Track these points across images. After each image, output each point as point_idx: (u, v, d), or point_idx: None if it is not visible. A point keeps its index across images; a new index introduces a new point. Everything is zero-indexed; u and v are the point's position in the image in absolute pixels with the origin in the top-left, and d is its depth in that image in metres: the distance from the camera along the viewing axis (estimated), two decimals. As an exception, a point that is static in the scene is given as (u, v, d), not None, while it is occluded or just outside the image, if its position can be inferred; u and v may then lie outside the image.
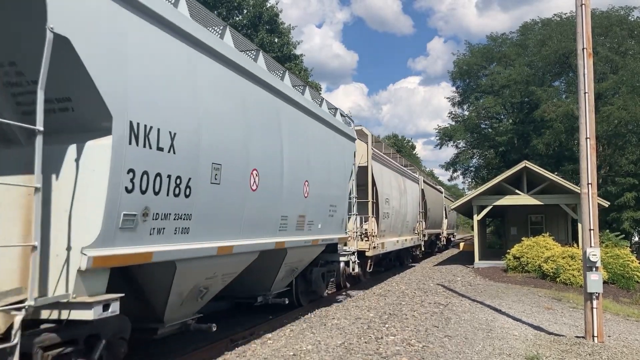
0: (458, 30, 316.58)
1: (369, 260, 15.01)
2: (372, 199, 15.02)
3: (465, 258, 27.54)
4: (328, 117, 10.77)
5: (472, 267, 21.90)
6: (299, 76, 10.76)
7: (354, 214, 12.76)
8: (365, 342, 8.03)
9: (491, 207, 22.39)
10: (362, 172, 14.56)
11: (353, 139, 12.49)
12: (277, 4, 33.87)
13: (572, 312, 11.86)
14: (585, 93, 8.82)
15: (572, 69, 33.82)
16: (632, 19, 35.20)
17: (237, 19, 32.35)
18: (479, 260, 22.48)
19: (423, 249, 25.41)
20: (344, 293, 14.03)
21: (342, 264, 12.23)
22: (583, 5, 8.86)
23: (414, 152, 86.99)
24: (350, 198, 12.36)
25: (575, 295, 14.59)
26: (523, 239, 20.55)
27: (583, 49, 8.84)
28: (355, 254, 12.69)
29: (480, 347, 7.93)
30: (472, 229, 35.06)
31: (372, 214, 14.87)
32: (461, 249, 39.35)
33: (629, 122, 29.67)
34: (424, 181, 26.22)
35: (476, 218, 23.06)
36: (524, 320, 10.30)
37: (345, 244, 12.53)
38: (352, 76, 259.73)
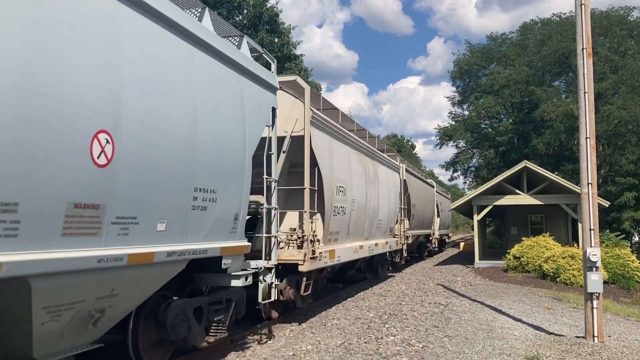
0: (458, 30, 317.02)
1: (304, 278, 9.87)
2: (311, 184, 9.79)
3: (465, 258, 27.55)
4: (200, 31, 5.94)
5: (472, 267, 21.90)
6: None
7: (271, 208, 7.85)
8: (365, 342, 8.02)
9: (491, 207, 22.39)
10: (299, 144, 9.88)
11: (272, 88, 7.94)
12: (277, 4, 33.89)
13: (572, 312, 11.85)
14: (585, 93, 8.81)
15: (571, 68, 33.86)
16: (632, 19, 35.26)
17: (237, 19, 32.35)
18: (479, 260, 22.48)
19: (405, 254, 20.33)
20: (260, 332, 8.70)
21: (263, 287, 7.69)
22: (583, 5, 8.85)
23: (414, 152, 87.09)
24: (268, 181, 7.82)
25: (575, 295, 14.58)
26: (523, 238, 20.55)
27: (583, 48, 8.84)
28: (273, 271, 7.85)
29: (481, 347, 7.93)
30: (472, 229, 35.03)
31: (312, 209, 9.80)
32: (461, 249, 39.38)
33: (628, 121, 29.71)
34: (407, 170, 20.75)
35: (476, 218, 23.06)
36: (524, 320, 10.30)
37: (252, 256, 7.54)
38: (353, 76, 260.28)
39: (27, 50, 3.66)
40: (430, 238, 29.25)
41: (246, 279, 7.11)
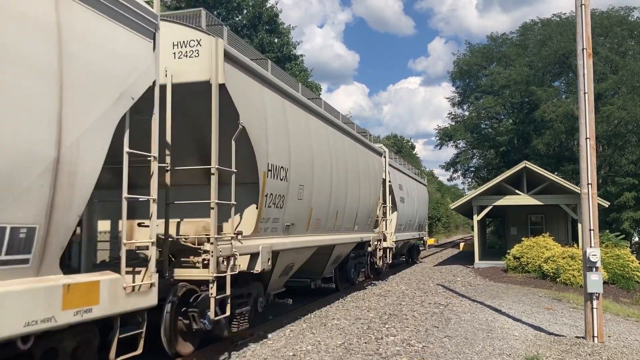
0: (459, 30, 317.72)
1: None
2: None
3: (465, 258, 27.56)
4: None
5: (472, 267, 21.90)
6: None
7: None
8: (365, 343, 8.03)
9: (491, 207, 22.39)
10: None
11: None
12: (276, 4, 33.90)
13: (572, 312, 11.85)
14: (585, 93, 8.81)
15: (572, 69, 33.86)
16: (632, 19, 35.27)
17: (237, 19, 32.34)
18: (479, 260, 22.49)
19: (228, 311, 6.82)
20: None
21: None
22: (583, 6, 8.86)
23: (414, 152, 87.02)
24: None
25: (575, 295, 14.58)
26: (523, 239, 20.55)
27: (583, 49, 8.84)
28: None
29: (481, 347, 7.93)
30: (472, 229, 35.00)
31: None
32: (461, 249, 39.38)
33: (628, 122, 29.73)
34: (278, 87, 8.35)
35: (476, 218, 23.06)
36: (524, 321, 10.30)
37: None
38: (353, 76, 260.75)
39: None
40: (375, 249, 15.64)
41: None
